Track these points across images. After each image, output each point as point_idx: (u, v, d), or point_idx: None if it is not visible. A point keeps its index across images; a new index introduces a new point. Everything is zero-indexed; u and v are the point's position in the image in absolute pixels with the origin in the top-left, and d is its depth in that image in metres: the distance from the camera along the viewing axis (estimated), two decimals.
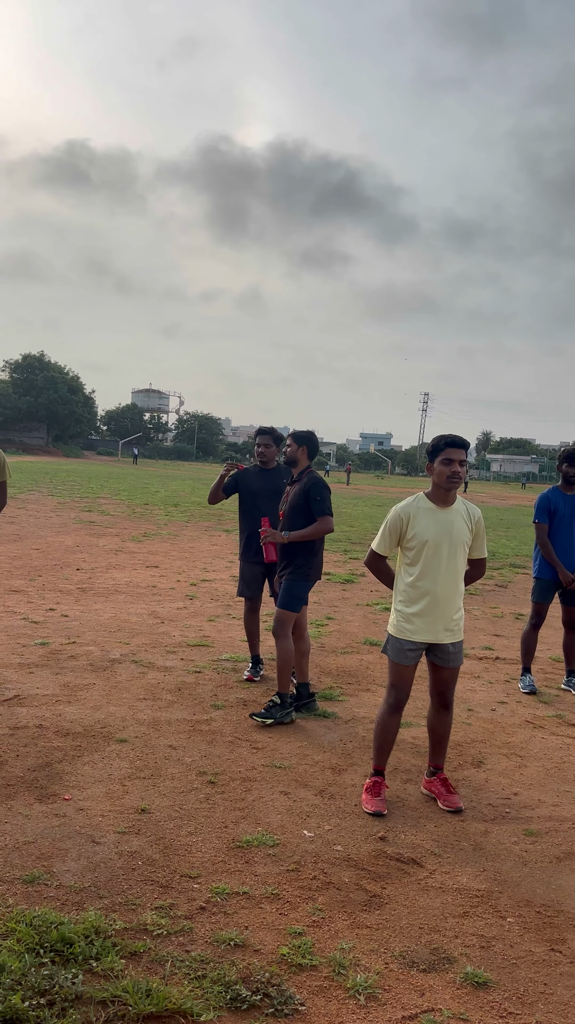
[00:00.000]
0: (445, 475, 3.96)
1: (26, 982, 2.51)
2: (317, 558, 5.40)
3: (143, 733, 4.84)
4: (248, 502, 6.08)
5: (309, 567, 5.34)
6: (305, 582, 5.34)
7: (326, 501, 5.27)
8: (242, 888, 3.22)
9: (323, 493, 5.27)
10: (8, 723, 4.83)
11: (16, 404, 74.08)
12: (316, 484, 5.29)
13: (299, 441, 5.44)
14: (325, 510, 5.25)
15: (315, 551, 5.37)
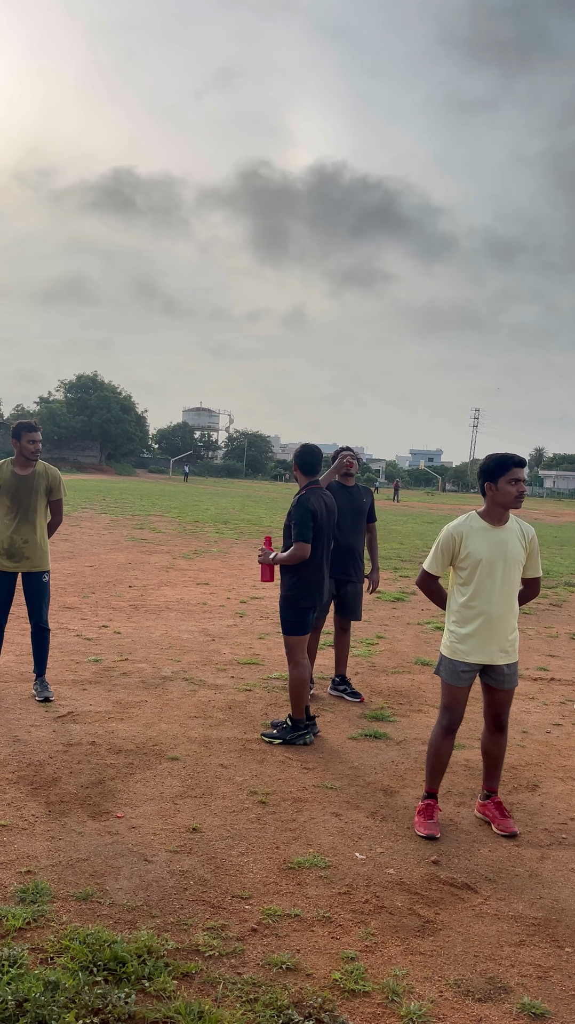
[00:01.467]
0: (511, 495, 3.90)
1: (80, 1000, 2.52)
2: (305, 583, 5.15)
3: (194, 751, 4.86)
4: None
5: (296, 591, 5.15)
6: (292, 607, 5.17)
7: (302, 525, 5.03)
8: (294, 910, 3.20)
9: (300, 517, 5.05)
10: (62, 740, 4.89)
11: (70, 423, 75.47)
12: (297, 507, 5.10)
13: (293, 459, 5.34)
14: (300, 535, 5.03)
15: (302, 576, 5.15)
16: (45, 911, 3.04)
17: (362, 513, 6.24)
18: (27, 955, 2.76)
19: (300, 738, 5.13)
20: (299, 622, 5.21)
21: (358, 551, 6.24)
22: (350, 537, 6.17)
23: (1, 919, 2.97)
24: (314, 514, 5.10)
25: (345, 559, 6.16)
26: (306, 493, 5.18)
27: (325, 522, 5.22)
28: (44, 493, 5.79)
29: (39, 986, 2.56)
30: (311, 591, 5.20)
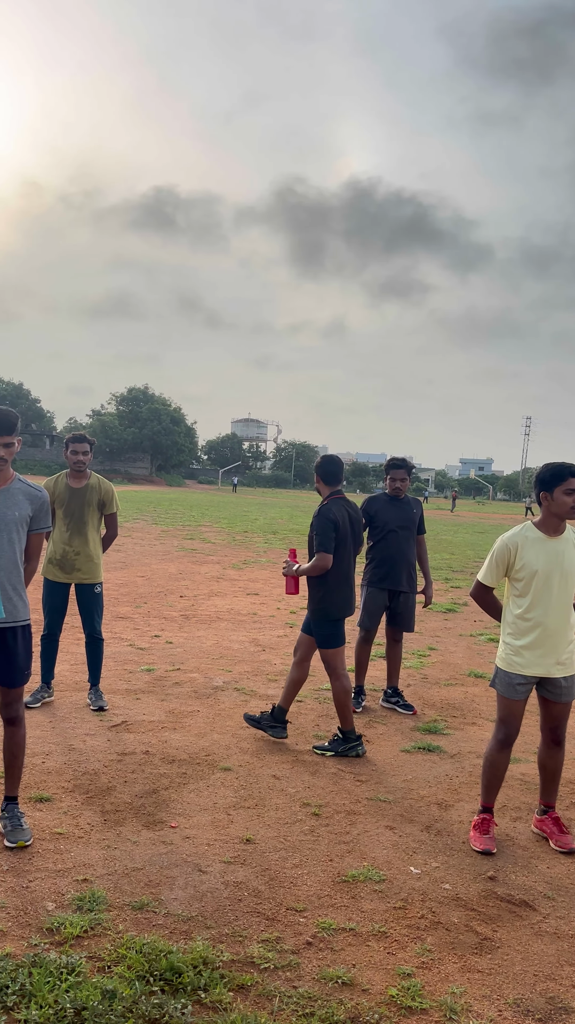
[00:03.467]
0: (567, 505, 3.84)
1: (137, 1010, 2.54)
2: (333, 594, 5.11)
3: (247, 762, 4.86)
4: (381, 531, 6.12)
5: (326, 603, 5.12)
6: (324, 620, 5.14)
7: (324, 536, 5.00)
8: (348, 924, 3.18)
9: (322, 527, 5.02)
10: (116, 749, 4.93)
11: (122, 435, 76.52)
12: (319, 517, 5.07)
13: (315, 472, 5.32)
14: (321, 545, 5.00)
15: (330, 588, 5.10)
16: (102, 920, 3.07)
17: (413, 524, 6.21)
18: (85, 963, 2.78)
19: (352, 750, 5.10)
20: (334, 634, 5.17)
21: (410, 562, 6.20)
22: (402, 548, 6.14)
23: (59, 927, 3.00)
24: (336, 524, 5.07)
25: (397, 570, 6.12)
26: (328, 503, 5.17)
27: (348, 532, 5.18)
28: (97, 506, 5.87)
29: (97, 995, 2.58)
30: (340, 602, 5.16)
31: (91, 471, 5.91)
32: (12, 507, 3.64)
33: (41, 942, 2.90)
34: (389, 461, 6.30)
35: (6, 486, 3.67)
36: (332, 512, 5.09)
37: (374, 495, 6.35)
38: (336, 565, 5.09)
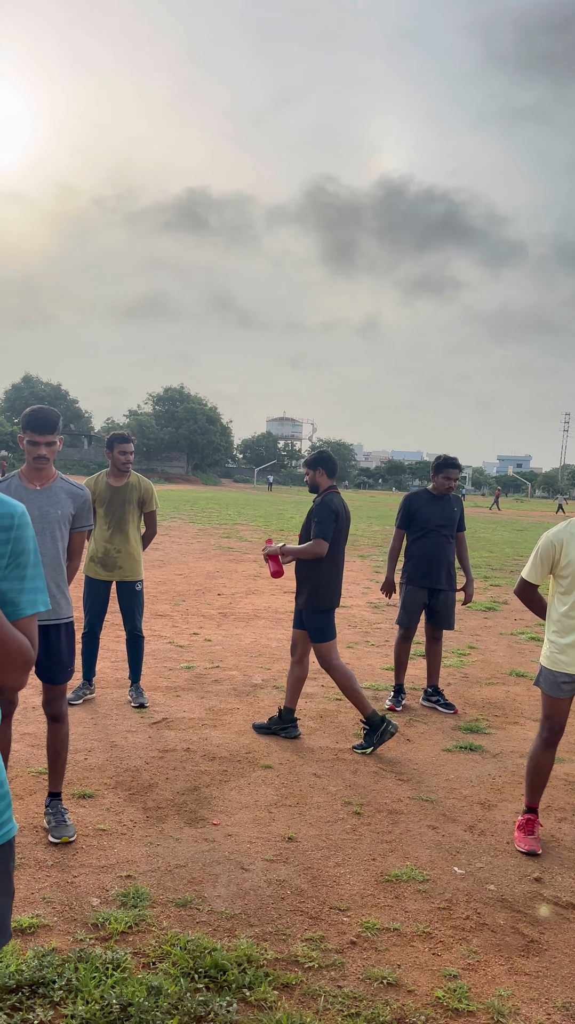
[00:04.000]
0: None
1: (182, 1007, 2.54)
2: (325, 587, 5.15)
3: (287, 760, 4.85)
4: (421, 528, 6.08)
5: (318, 595, 5.16)
6: (318, 612, 5.17)
7: (324, 524, 5.05)
8: (392, 924, 3.15)
9: (325, 516, 5.06)
10: (157, 746, 4.95)
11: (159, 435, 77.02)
12: (322, 505, 5.11)
13: (311, 466, 5.35)
14: (320, 533, 5.05)
15: (322, 580, 5.14)
16: (146, 916, 3.08)
17: (452, 522, 6.15)
18: (130, 959, 2.79)
19: (385, 732, 5.05)
20: (326, 627, 5.21)
21: (449, 559, 6.15)
22: (442, 546, 6.09)
23: (104, 922, 3.01)
24: (337, 515, 5.13)
25: (436, 567, 6.07)
26: (330, 495, 5.22)
27: (344, 525, 5.24)
28: (137, 504, 5.90)
29: (142, 991, 2.59)
30: (331, 593, 5.21)
31: (131, 469, 5.95)
32: (55, 505, 3.66)
33: (86, 937, 2.92)
34: (442, 460, 6.23)
35: (48, 485, 3.70)
36: (335, 503, 5.16)
37: (415, 492, 6.30)
38: (331, 556, 5.16)
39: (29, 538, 1.81)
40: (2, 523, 1.75)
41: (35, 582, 1.82)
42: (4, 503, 1.78)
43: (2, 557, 1.74)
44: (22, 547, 1.78)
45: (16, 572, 1.77)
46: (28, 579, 1.80)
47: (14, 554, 1.76)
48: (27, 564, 1.80)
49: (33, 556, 1.82)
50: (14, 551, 1.76)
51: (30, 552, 1.81)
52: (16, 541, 1.77)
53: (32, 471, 3.69)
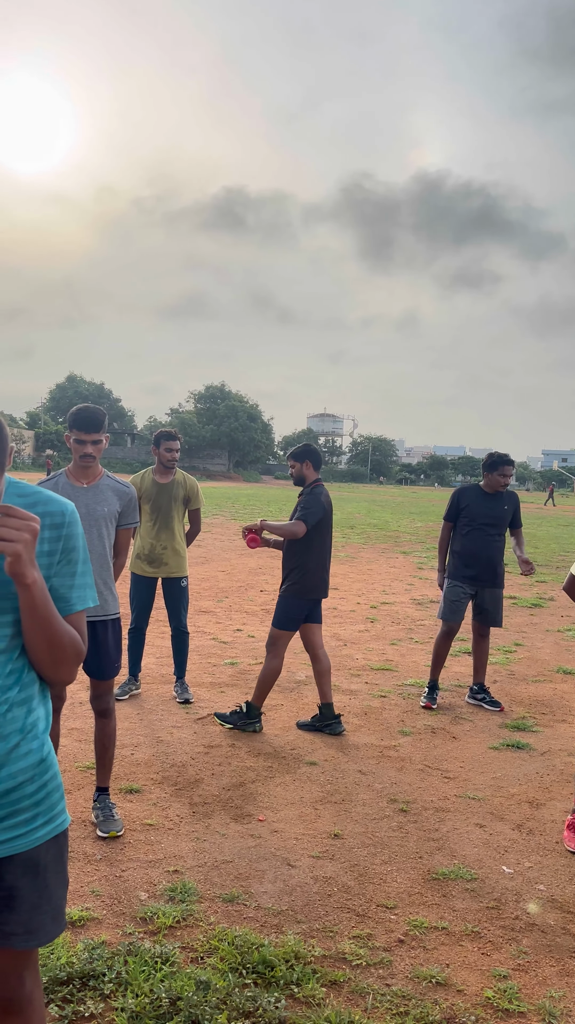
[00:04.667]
0: None
1: (231, 1002, 2.55)
2: (311, 576, 5.24)
3: (331, 756, 4.84)
4: (468, 524, 6.04)
5: (301, 584, 5.24)
6: (296, 599, 5.25)
7: (308, 510, 5.16)
8: (440, 923, 3.12)
9: (312, 503, 5.19)
10: (203, 741, 4.98)
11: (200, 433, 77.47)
12: (311, 494, 5.25)
13: (298, 458, 5.41)
14: (302, 516, 5.15)
15: (308, 569, 5.23)
16: (193, 911, 3.09)
17: (501, 519, 6.06)
18: (178, 953, 2.81)
19: (250, 725, 5.23)
20: (293, 618, 5.29)
21: (496, 556, 6.07)
22: (486, 543, 6.01)
23: (152, 916, 3.04)
24: (324, 508, 5.24)
25: (479, 565, 6.00)
26: (318, 487, 5.33)
27: (330, 518, 5.37)
28: (182, 502, 5.94)
29: (191, 985, 2.60)
30: (314, 584, 5.29)
31: (177, 467, 5.99)
32: (101, 503, 3.70)
33: (135, 931, 2.95)
34: (496, 457, 6.14)
35: (95, 483, 3.74)
36: (323, 495, 5.30)
37: (466, 487, 6.23)
38: (318, 548, 5.27)
39: (78, 535, 1.83)
40: (53, 521, 1.77)
41: (84, 578, 1.84)
42: (54, 501, 1.80)
43: (53, 554, 1.76)
44: (72, 544, 1.80)
45: (67, 569, 1.79)
46: (78, 575, 1.82)
47: (64, 551, 1.78)
48: (77, 561, 1.82)
49: (82, 553, 1.84)
50: (64, 548, 1.78)
51: (79, 549, 1.83)
52: (66, 539, 1.79)
53: (79, 469, 3.73)
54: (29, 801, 1.72)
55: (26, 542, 1.59)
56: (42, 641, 1.71)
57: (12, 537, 1.58)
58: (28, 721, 1.73)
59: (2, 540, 1.57)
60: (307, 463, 5.40)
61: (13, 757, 1.69)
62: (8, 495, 1.75)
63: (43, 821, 1.75)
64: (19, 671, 1.73)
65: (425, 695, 6.09)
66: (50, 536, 1.76)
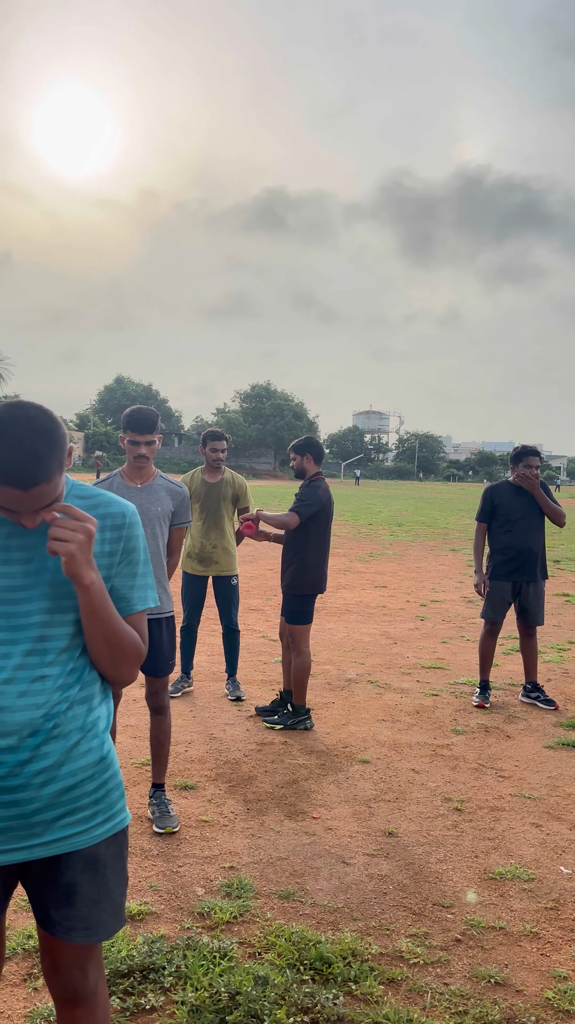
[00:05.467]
0: None
1: (289, 998, 2.56)
2: (309, 571, 5.25)
3: (384, 755, 4.83)
4: (504, 521, 5.97)
5: (302, 580, 5.25)
6: (297, 595, 5.27)
7: (303, 501, 5.18)
8: (498, 923, 3.10)
9: (309, 496, 5.19)
10: (255, 739, 5.01)
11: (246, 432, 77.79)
12: (308, 486, 5.27)
13: (299, 450, 5.43)
14: (296, 508, 5.17)
15: (306, 564, 5.24)
16: (250, 907, 3.12)
17: (535, 512, 5.97)
18: (236, 948, 2.83)
19: (301, 723, 5.23)
20: (304, 611, 5.30)
21: (534, 549, 5.97)
22: (527, 538, 5.92)
23: (209, 911, 3.07)
24: (322, 501, 5.23)
25: (521, 561, 5.92)
26: (318, 480, 5.35)
27: (329, 512, 5.34)
28: (231, 500, 5.98)
29: (249, 980, 2.62)
30: (314, 579, 5.30)
31: (225, 466, 6.04)
32: (155, 503, 3.74)
33: (193, 926, 2.98)
34: (520, 449, 6.10)
35: (149, 483, 3.79)
36: (322, 489, 5.29)
37: (497, 483, 6.16)
38: (317, 542, 5.28)
39: (139, 536, 1.85)
40: (114, 522, 1.80)
41: (145, 579, 1.87)
42: (115, 503, 1.83)
43: (114, 555, 1.79)
44: (133, 545, 1.83)
45: (128, 569, 1.82)
46: (139, 576, 1.85)
47: (126, 552, 1.81)
48: (138, 561, 1.84)
49: (143, 554, 1.86)
50: (125, 549, 1.81)
51: (140, 550, 1.85)
52: (127, 539, 1.81)
53: (133, 470, 3.78)
54: (89, 799, 1.75)
55: (81, 543, 1.61)
56: (101, 641, 1.74)
57: (67, 537, 1.61)
58: (89, 719, 1.76)
59: (57, 540, 1.61)
60: (308, 456, 5.43)
61: (74, 755, 1.72)
62: (69, 496, 1.78)
63: (103, 819, 1.78)
64: (80, 670, 1.76)
65: (477, 694, 6.03)
66: (111, 537, 1.79)
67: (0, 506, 1.59)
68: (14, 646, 1.67)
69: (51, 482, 1.57)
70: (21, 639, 1.68)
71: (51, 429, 1.57)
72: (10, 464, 1.52)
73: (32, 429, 1.54)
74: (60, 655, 1.71)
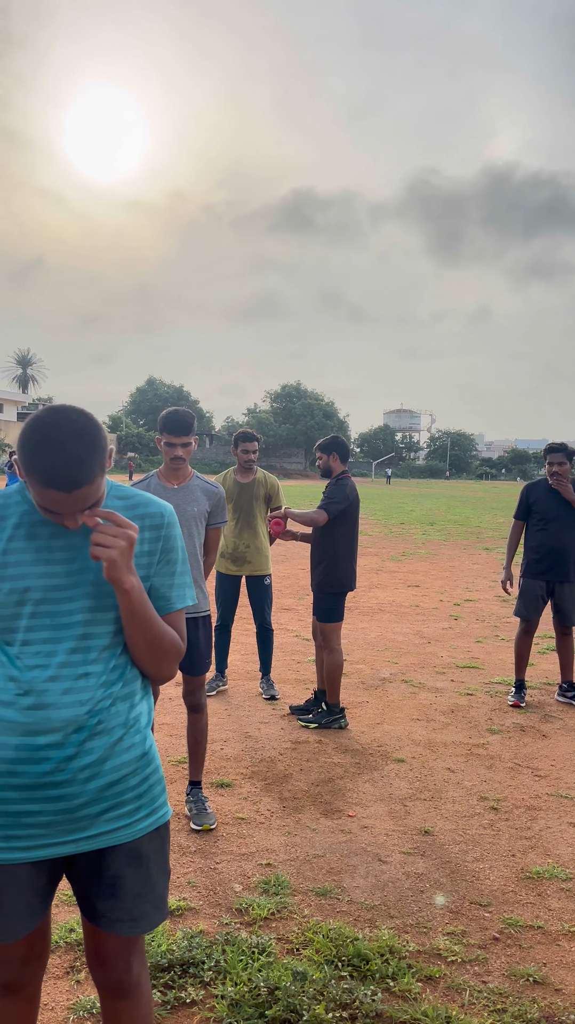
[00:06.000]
0: None
1: (328, 993, 2.58)
2: (338, 568, 5.28)
3: (419, 754, 4.83)
4: (540, 520, 5.94)
5: (332, 578, 5.28)
6: (331, 593, 5.31)
7: (331, 499, 5.21)
8: (536, 922, 3.09)
9: (337, 494, 5.23)
10: (290, 737, 5.03)
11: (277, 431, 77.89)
12: (337, 484, 5.30)
13: (326, 449, 5.46)
14: (324, 505, 5.21)
15: (336, 562, 5.27)
16: (287, 903, 3.14)
17: (569, 510, 5.91)
18: (274, 944, 2.86)
19: (335, 722, 5.26)
20: (335, 609, 5.35)
21: (568, 551, 5.90)
22: (559, 537, 5.87)
23: (247, 908, 3.10)
24: (349, 499, 5.27)
25: (555, 560, 5.87)
26: (345, 478, 5.38)
27: (356, 510, 5.38)
28: (264, 500, 6.01)
29: (288, 976, 2.65)
30: (344, 575, 5.33)
31: (257, 466, 6.07)
32: (191, 503, 3.79)
33: (231, 921, 3.01)
34: (547, 446, 6.05)
35: (185, 483, 3.83)
36: (349, 487, 5.33)
37: (534, 482, 6.12)
38: (345, 538, 5.30)
39: (177, 536, 1.89)
40: (153, 522, 1.84)
41: (183, 577, 1.90)
42: (154, 504, 1.87)
43: (153, 554, 1.83)
44: (171, 545, 1.86)
45: (166, 568, 1.86)
46: (177, 575, 1.88)
47: (164, 551, 1.84)
48: (176, 561, 1.88)
49: (181, 553, 1.90)
50: (164, 548, 1.84)
51: (178, 549, 1.89)
52: (166, 539, 1.85)
53: (170, 471, 3.83)
54: (132, 793, 1.78)
55: (122, 549, 1.65)
56: (142, 640, 1.78)
57: (109, 543, 1.65)
58: (131, 715, 1.79)
59: (99, 546, 1.65)
60: (334, 455, 5.46)
61: (117, 751, 1.75)
62: (109, 498, 1.82)
63: (146, 813, 1.81)
64: (122, 667, 1.79)
65: (512, 693, 6.00)
66: (150, 537, 1.83)
67: (43, 507, 1.63)
68: (58, 644, 1.71)
69: (93, 484, 1.61)
70: (65, 637, 1.72)
71: (92, 432, 1.61)
72: (54, 467, 1.56)
73: (74, 432, 1.58)
74: (103, 652, 1.75)
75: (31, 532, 1.73)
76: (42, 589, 1.71)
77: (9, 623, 1.71)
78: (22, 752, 1.67)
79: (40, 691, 1.68)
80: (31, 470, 1.57)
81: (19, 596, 1.70)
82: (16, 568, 1.71)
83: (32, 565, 1.71)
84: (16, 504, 1.76)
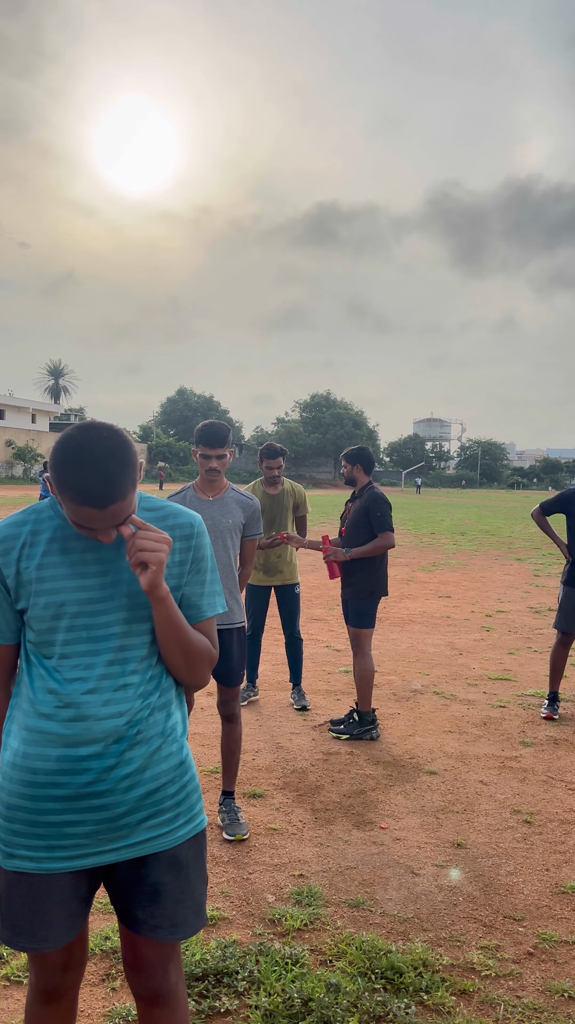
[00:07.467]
0: None
1: (361, 1006, 2.58)
2: (378, 574, 5.30)
3: (452, 766, 4.81)
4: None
5: (372, 584, 5.29)
6: (369, 600, 5.30)
7: (386, 516, 5.20)
8: (571, 937, 3.07)
9: (383, 508, 5.21)
10: (321, 748, 5.04)
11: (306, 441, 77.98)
12: (376, 500, 5.25)
13: (351, 460, 5.45)
14: (386, 526, 5.18)
15: (376, 567, 5.29)
16: (320, 915, 3.15)
17: None
18: (307, 955, 2.87)
19: (367, 732, 5.24)
20: (369, 614, 5.34)
21: None
22: None
23: (280, 918, 3.11)
24: (390, 505, 5.28)
25: None
26: (374, 489, 5.37)
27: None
28: (292, 510, 6.05)
29: (321, 987, 2.66)
30: (382, 582, 5.35)
31: (284, 477, 6.12)
32: (226, 515, 3.82)
33: (265, 932, 3.03)
34: None
35: (220, 495, 3.87)
36: (383, 497, 5.30)
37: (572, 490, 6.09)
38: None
39: (206, 545, 1.92)
40: (183, 532, 1.88)
41: (213, 586, 1.94)
42: (183, 514, 1.91)
43: (184, 564, 1.86)
44: (201, 554, 1.90)
45: (196, 577, 1.89)
46: (207, 584, 1.92)
47: (194, 560, 1.88)
48: (206, 570, 1.92)
49: (211, 562, 1.93)
50: (195, 558, 1.88)
51: (208, 558, 1.92)
52: (196, 549, 1.89)
53: (205, 483, 3.87)
54: (171, 802, 1.81)
55: (161, 561, 1.69)
56: (175, 648, 1.81)
57: (153, 549, 1.69)
58: (168, 724, 1.83)
59: (143, 551, 1.68)
60: (358, 466, 5.48)
61: (155, 760, 1.79)
62: (139, 510, 1.86)
63: (184, 820, 1.84)
64: (159, 676, 1.83)
65: (546, 705, 5.95)
66: (181, 547, 1.86)
67: (77, 523, 1.67)
68: (96, 656, 1.75)
69: (125, 499, 1.64)
70: (103, 650, 1.75)
71: (123, 448, 1.64)
72: (86, 485, 1.59)
73: (106, 449, 1.62)
74: (141, 663, 1.79)
75: (64, 547, 1.78)
76: (78, 603, 1.75)
77: (46, 637, 1.75)
78: (64, 764, 1.71)
79: (80, 703, 1.72)
80: (64, 488, 1.61)
81: (55, 610, 1.74)
82: (52, 583, 1.75)
83: (67, 579, 1.75)
84: (49, 519, 1.80)
